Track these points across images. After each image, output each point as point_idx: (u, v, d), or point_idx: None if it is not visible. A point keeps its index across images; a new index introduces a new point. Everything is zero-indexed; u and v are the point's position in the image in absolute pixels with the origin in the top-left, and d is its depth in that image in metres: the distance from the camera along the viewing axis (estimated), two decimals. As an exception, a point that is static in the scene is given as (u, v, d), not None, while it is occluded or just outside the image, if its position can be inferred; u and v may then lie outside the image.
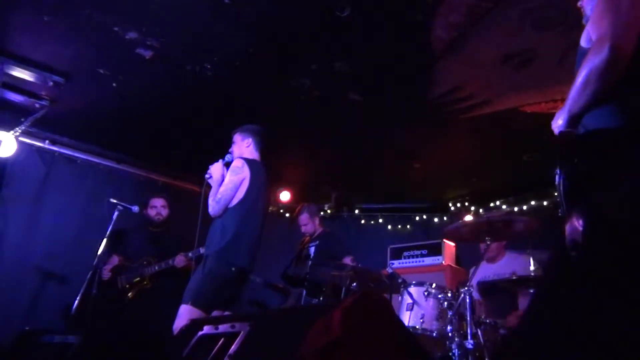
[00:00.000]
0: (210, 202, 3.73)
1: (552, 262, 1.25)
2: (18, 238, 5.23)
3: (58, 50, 4.25)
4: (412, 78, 4.34)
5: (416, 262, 6.10)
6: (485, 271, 4.53)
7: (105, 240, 4.59)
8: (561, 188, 1.48)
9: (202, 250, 4.15)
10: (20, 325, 4.59)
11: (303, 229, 5.56)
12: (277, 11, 3.66)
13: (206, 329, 1.57)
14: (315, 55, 4.12)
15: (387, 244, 6.50)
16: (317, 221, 5.61)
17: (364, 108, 4.79)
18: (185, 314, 3.37)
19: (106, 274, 4.90)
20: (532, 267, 3.61)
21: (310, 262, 5.23)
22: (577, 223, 1.05)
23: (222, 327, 1.52)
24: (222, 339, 1.47)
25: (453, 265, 5.94)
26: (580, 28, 1.90)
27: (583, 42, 1.77)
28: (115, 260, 5.08)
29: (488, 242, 3.55)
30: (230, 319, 1.55)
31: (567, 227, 1.10)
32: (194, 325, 1.66)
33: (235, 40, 4.00)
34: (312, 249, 5.39)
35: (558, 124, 1.66)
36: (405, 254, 6.21)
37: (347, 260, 5.06)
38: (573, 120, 1.62)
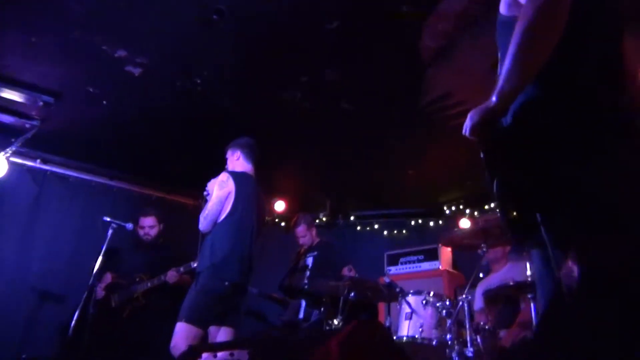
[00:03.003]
0: (200, 218, 3.73)
1: (547, 309, 1.24)
2: (12, 258, 5.20)
3: (47, 71, 4.24)
4: (403, 86, 4.35)
5: (413, 267, 6.08)
6: (490, 280, 4.53)
7: (100, 258, 4.57)
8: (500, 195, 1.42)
9: (193, 264, 4.14)
10: (16, 347, 4.56)
11: (301, 240, 5.54)
12: (265, 25, 3.66)
13: (204, 357, 1.57)
14: (305, 67, 4.13)
15: (383, 250, 6.48)
16: (314, 232, 5.60)
17: (356, 116, 4.79)
18: (180, 331, 3.38)
19: (100, 292, 4.88)
20: (528, 272, 3.61)
21: (308, 273, 5.22)
22: (573, 268, 1.04)
23: (221, 355, 1.52)
24: (222, 368, 1.48)
25: (450, 270, 5.93)
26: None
27: (502, 9, 1.61)
28: (108, 278, 5.04)
29: (484, 249, 3.56)
30: (229, 346, 1.55)
31: (563, 271, 1.09)
32: (192, 352, 1.65)
33: (224, 54, 4.00)
34: (310, 260, 5.38)
35: (479, 117, 1.49)
36: (402, 260, 6.19)
37: (345, 269, 5.07)
38: (505, 106, 1.45)
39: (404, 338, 3.55)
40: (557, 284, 1.19)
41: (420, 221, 6.98)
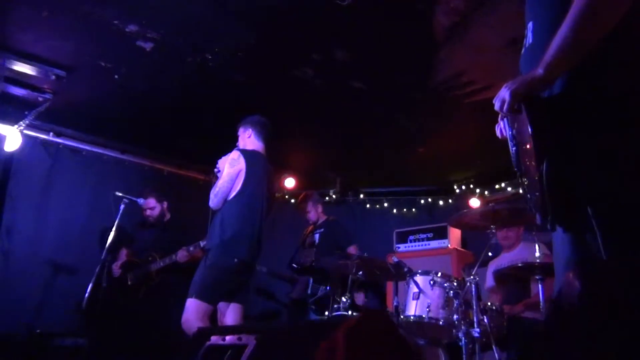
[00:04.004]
0: (210, 195, 3.76)
1: (548, 326, 1.23)
2: (25, 231, 5.27)
3: (59, 44, 4.23)
4: (415, 64, 4.31)
5: (422, 245, 6.11)
6: (501, 260, 4.55)
7: (112, 233, 4.62)
8: (545, 179, 1.33)
9: (202, 243, 4.18)
10: (30, 321, 4.64)
11: (306, 217, 5.60)
12: (278, 1, 3.62)
13: (213, 339, 1.60)
14: (316, 45, 4.10)
15: (392, 228, 6.51)
16: (320, 209, 5.64)
17: (367, 95, 4.76)
18: (191, 307, 3.44)
19: (116, 270, 4.96)
20: (537, 253, 3.62)
21: (315, 250, 5.27)
22: (575, 283, 1.03)
23: (229, 339, 1.55)
24: (230, 351, 1.50)
25: (459, 248, 5.95)
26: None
27: None
28: (123, 255, 5.12)
29: (493, 231, 3.56)
30: (237, 330, 1.57)
31: (564, 287, 1.08)
32: (202, 334, 1.68)
33: (235, 30, 3.97)
34: (317, 236, 5.43)
35: (523, 90, 1.41)
36: (411, 237, 6.21)
37: (352, 249, 5.11)
38: (552, 79, 1.39)
39: (412, 317, 3.58)
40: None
41: (430, 200, 6.98)
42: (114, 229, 4.65)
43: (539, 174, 1.35)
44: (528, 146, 1.44)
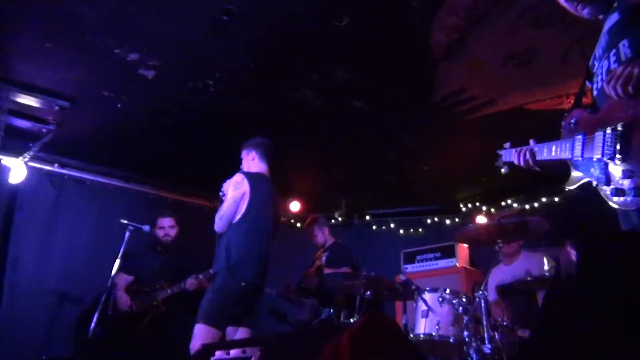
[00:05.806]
0: (215, 219, 3.75)
1: (549, 298, 1.21)
2: (32, 261, 5.27)
3: (61, 75, 4.28)
4: (415, 82, 4.33)
5: (430, 265, 6.07)
6: (503, 274, 4.49)
7: (118, 261, 4.59)
8: None
9: (212, 271, 4.15)
10: (37, 348, 4.61)
11: (314, 240, 5.56)
12: (275, 24, 3.66)
13: (218, 354, 1.57)
14: (315, 66, 4.12)
15: (399, 249, 6.48)
16: (326, 231, 5.60)
17: (369, 114, 4.78)
18: (199, 333, 3.39)
19: (122, 297, 4.89)
20: (546, 267, 3.57)
21: (321, 272, 5.22)
22: (572, 254, 1.02)
23: (234, 352, 1.52)
24: (234, 365, 1.48)
25: (467, 266, 5.90)
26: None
27: None
28: (122, 279, 5.00)
29: (500, 245, 3.52)
30: (241, 344, 1.55)
31: (562, 258, 1.07)
32: (206, 350, 1.65)
33: (235, 55, 4.01)
34: (324, 259, 5.39)
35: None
36: (419, 257, 6.18)
37: (344, 269, 5.06)
38: None
39: (421, 336, 3.53)
40: None
41: (436, 219, 6.94)
42: (119, 256, 4.62)
43: None
44: None
